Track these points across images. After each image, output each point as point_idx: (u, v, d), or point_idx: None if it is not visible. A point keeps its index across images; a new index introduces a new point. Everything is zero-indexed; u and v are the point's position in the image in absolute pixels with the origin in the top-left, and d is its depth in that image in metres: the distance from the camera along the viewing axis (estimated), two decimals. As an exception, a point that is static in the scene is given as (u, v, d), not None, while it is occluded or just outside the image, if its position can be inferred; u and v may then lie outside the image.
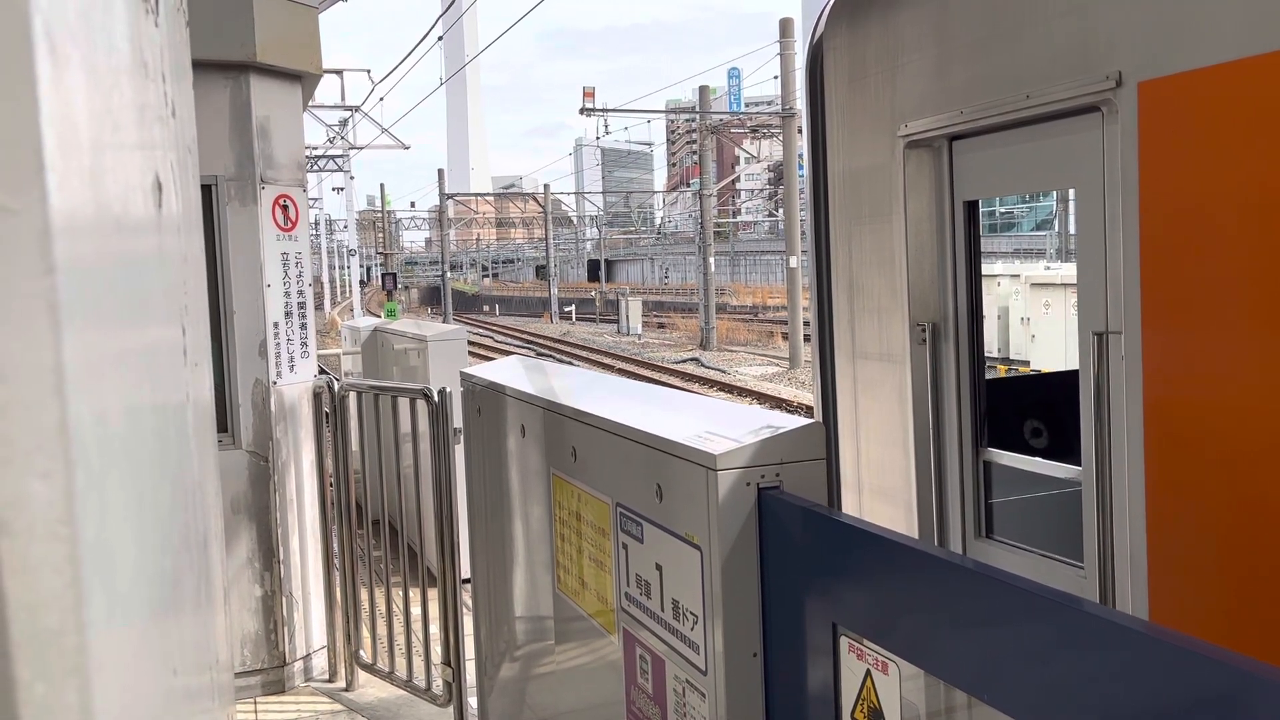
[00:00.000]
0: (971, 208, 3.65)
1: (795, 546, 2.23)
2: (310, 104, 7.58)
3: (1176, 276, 2.70)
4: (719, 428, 2.51)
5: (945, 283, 3.70)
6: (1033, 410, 3.97)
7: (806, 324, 25.39)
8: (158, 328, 0.90)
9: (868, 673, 2.02)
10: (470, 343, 11.30)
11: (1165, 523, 2.77)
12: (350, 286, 48.93)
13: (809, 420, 2.43)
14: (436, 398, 4.91)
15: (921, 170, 3.67)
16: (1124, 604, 2.93)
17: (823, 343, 4.29)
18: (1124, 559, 2.94)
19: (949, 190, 3.65)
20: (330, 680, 5.69)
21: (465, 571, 4.70)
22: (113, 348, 0.65)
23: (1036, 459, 3.56)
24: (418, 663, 5.30)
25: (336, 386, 5.63)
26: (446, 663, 5.01)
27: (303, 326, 5.65)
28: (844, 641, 2.08)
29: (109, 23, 0.74)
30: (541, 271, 78.74)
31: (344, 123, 33.36)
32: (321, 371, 6.32)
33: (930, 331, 3.72)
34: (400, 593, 5.72)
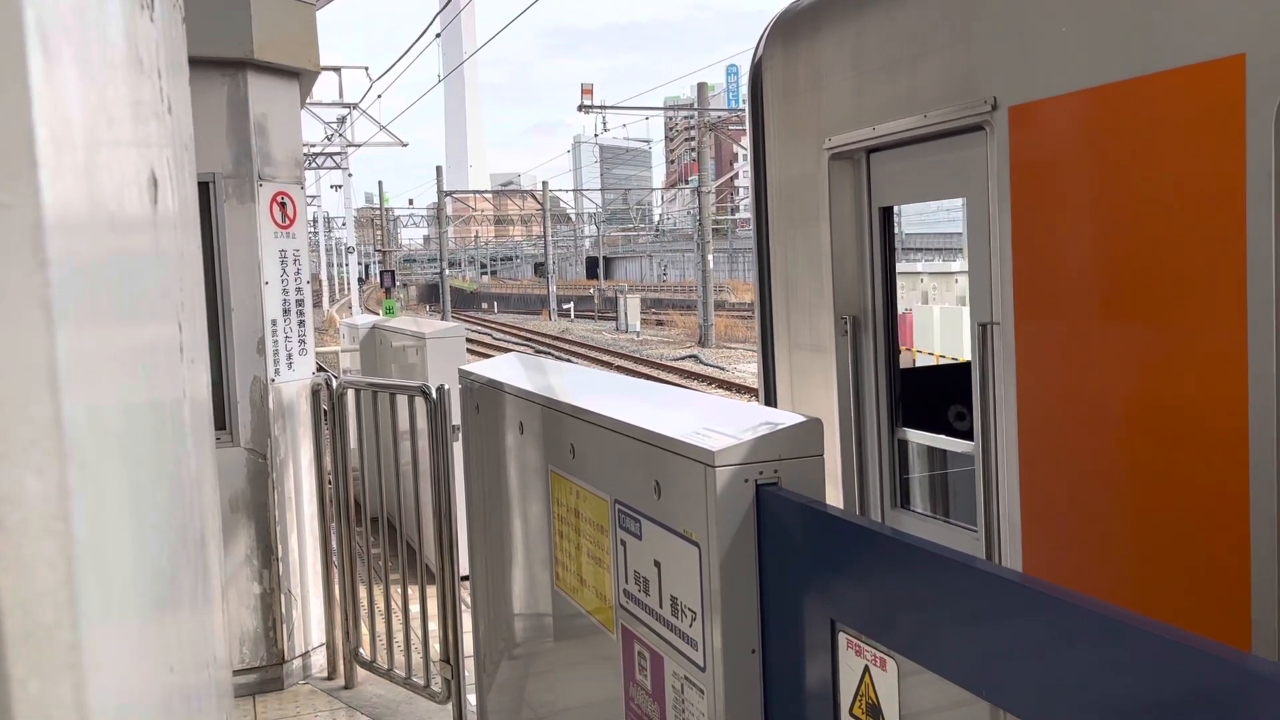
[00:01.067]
0: (886, 213, 4.07)
1: (794, 543, 2.23)
2: (308, 101, 7.58)
3: (1041, 274, 3.11)
4: (717, 424, 2.51)
5: (864, 281, 4.12)
6: (959, 396, 4.38)
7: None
8: (154, 324, 0.90)
9: (866, 669, 2.02)
10: (469, 340, 11.30)
11: (1035, 488, 3.18)
12: (348, 284, 48.94)
13: (807, 417, 2.43)
14: (435, 395, 4.90)
15: (843, 180, 4.08)
16: (1006, 560, 3.29)
17: (764, 335, 4.74)
18: (1006, 521, 3.31)
19: (867, 197, 4.07)
20: (329, 678, 5.70)
21: (464, 569, 4.70)
22: (107, 344, 0.65)
23: (940, 436, 3.97)
24: (416, 660, 5.30)
25: (335, 384, 5.63)
26: (445, 660, 5.02)
27: (301, 324, 5.65)
28: (842, 638, 2.08)
29: (103, 18, 0.74)
30: (540, 269, 78.77)
31: (342, 120, 33.34)
32: (320, 369, 6.31)
33: (851, 324, 4.14)
34: (399, 590, 5.72)
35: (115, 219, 0.71)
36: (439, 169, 45.48)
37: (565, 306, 57.20)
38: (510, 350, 29.59)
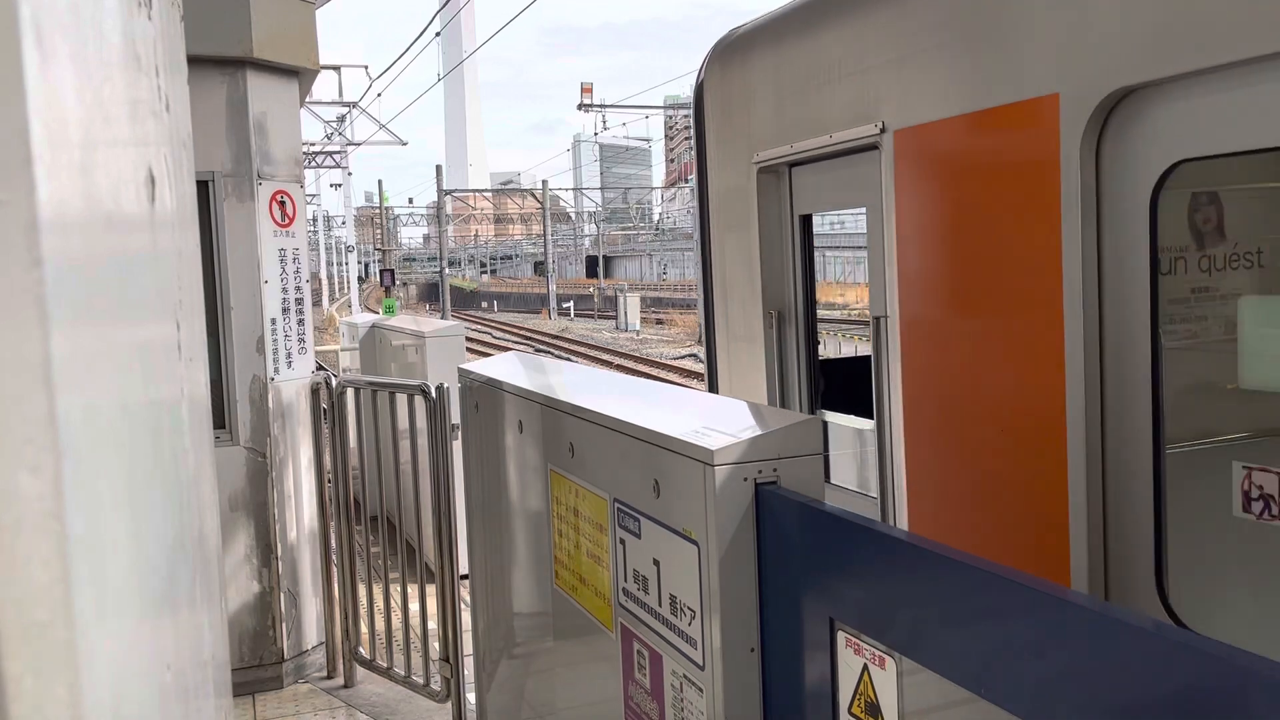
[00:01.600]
0: (805, 220, 4.55)
1: (793, 542, 2.23)
2: (307, 100, 7.58)
3: (915, 275, 3.64)
4: (716, 423, 2.51)
5: (788, 280, 4.64)
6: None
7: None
8: (151, 323, 0.90)
9: (865, 667, 2.02)
10: (468, 339, 11.30)
11: (916, 459, 3.70)
12: (348, 283, 48.92)
13: (806, 416, 2.43)
14: (434, 394, 4.90)
15: (769, 190, 4.61)
16: (896, 521, 3.81)
17: (708, 327, 5.30)
18: (895, 487, 3.83)
19: (789, 206, 4.57)
20: (328, 677, 5.70)
21: (463, 567, 4.71)
22: (104, 342, 0.65)
23: (849, 416, 4.51)
24: (416, 659, 5.30)
25: (334, 383, 5.63)
26: (445, 659, 5.02)
27: (300, 323, 5.64)
28: (841, 636, 2.08)
29: (99, 15, 0.74)
30: (540, 268, 78.72)
31: (342, 119, 33.33)
32: (319, 368, 6.31)
33: (777, 318, 4.70)
34: (398, 589, 5.73)
35: (112, 217, 0.71)
36: (438, 168, 45.46)
37: (565, 305, 57.16)
38: (510, 349, 29.55)
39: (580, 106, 34.88)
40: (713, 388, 5.26)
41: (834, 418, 4.56)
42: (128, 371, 0.74)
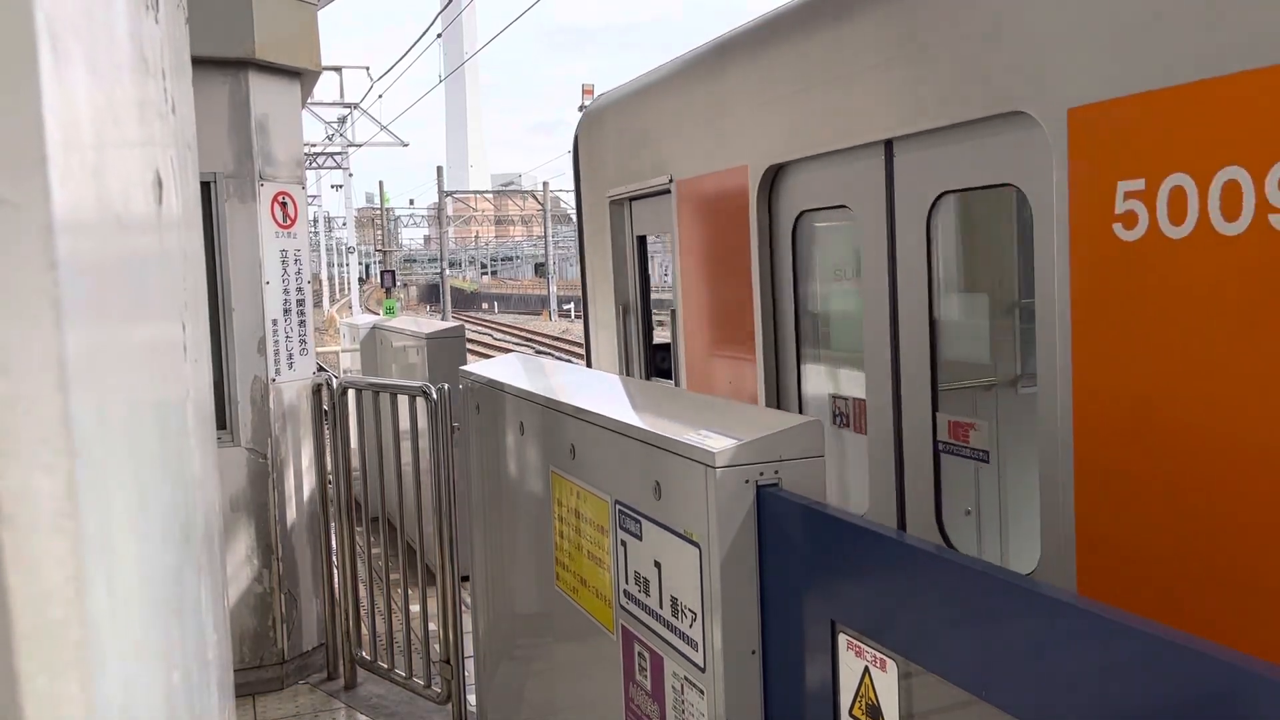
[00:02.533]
0: (642, 239, 6.23)
1: (794, 544, 2.23)
2: (309, 101, 7.59)
3: (689, 280, 5.37)
4: (718, 426, 2.51)
5: (630, 282, 6.36)
6: None
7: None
8: (158, 324, 0.90)
9: (866, 670, 2.02)
10: (469, 340, 11.29)
11: None
12: (349, 284, 48.92)
13: (808, 418, 2.43)
14: (435, 395, 4.90)
15: (616, 217, 6.34)
16: None
17: (585, 318, 7.07)
18: None
19: (630, 229, 6.27)
20: (329, 678, 5.70)
21: (464, 569, 4.71)
22: (114, 343, 0.65)
23: (668, 380, 5.97)
24: (416, 660, 5.30)
25: (335, 384, 5.63)
26: (445, 660, 5.02)
27: (301, 324, 5.65)
28: (843, 638, 2.08)
29: (110, 19, 0.74)
30: (540, 269, 78.67)
31: (343, 120, 33.34)
32: (320, 369, 6.31)
33: (624, 309, 6.40)
34: (399, 590, 5.72)
35: (121, 219, 0.71)
36: (439, 169, 45.43)
37: (566, 307, 57.13)
38: (510, 350, 29.53)
39: (581, 108, 34.84)
40: (588, 361, 7.05)
41: (661, 380, 6.10)
42: (137, 372, 0.74)
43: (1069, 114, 2.93)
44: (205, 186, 5.25)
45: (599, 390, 3.52)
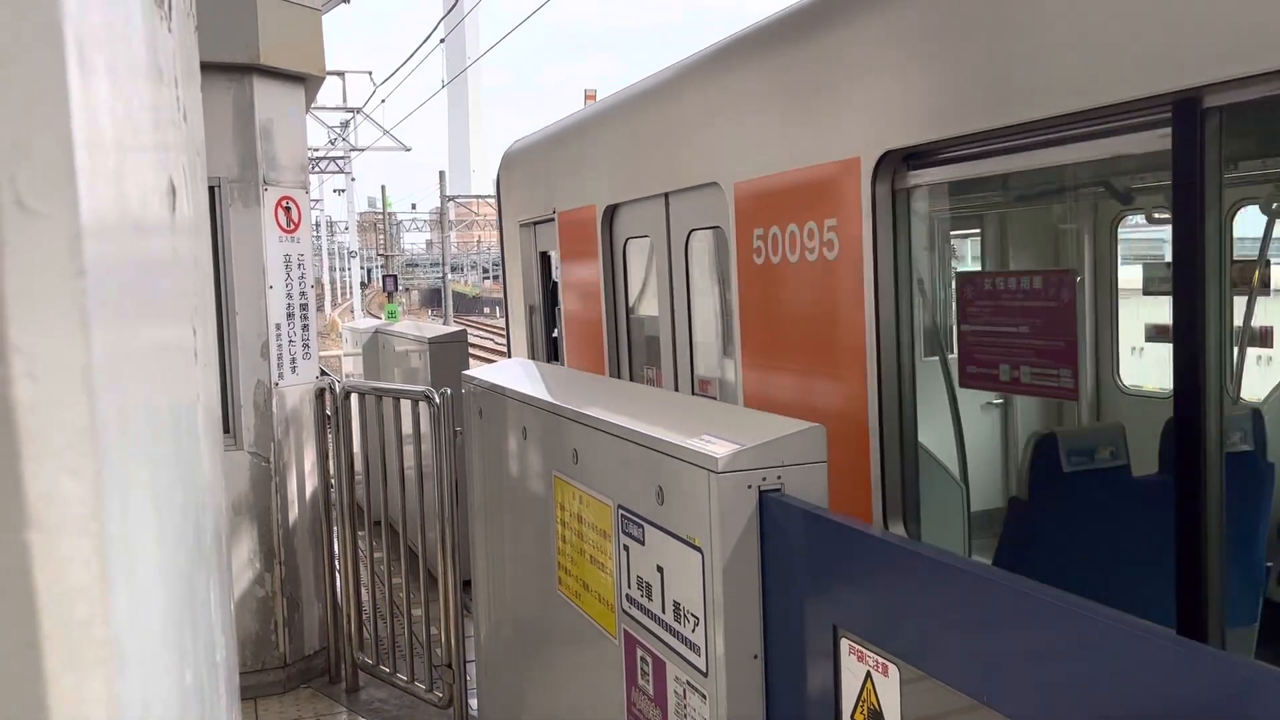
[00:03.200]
0: (545, 255, 7.62)
1: (796, 549, 2.24)
2: (312, 106, 7.66)
3: (568, 290, 6.91)
4: (720, 431, 2.52)
5: (535, 286, 7.85)
6: None
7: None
8: (172, 329, 0.92)
9: (868, 674, 2.03)
10: (471, 344, 11.31)
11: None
12: (351, 288, 48.93)
13: (809, 424, 2.44)
14: (439, 400, 4.92)
15: (526, 238, 7.91)
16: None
17: (507, 318, 8.79)
18: None
19: (535, 247, 7.76)
20: (330, 682, 5.70)
21: (466, 573, 4.71)
22: (132, 348, 0.66)
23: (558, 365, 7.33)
24: (418, 665, 5.30)
25: (338, 388, 5.64)
26: (447, 665, 5.02)
27: (305, 328, 5.66)
28: (844, 643, 2.09)
29: (128, 30, 0.76)
30: (542, 274, 78.33)
31: (345, 124, 33.38)
32: (322, 373, 6.33)
33: (530, 310, 8.04)
34: (401, 594, 5.73)
35: (140, 226, 0.73)
36: (442, 173, 45.46)
37: (567, 312, 56.80)
38: (512, 355, 29.44)
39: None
40: (509, 350, 8.78)
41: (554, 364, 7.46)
42: (153, 377, 0.75)
43: (734, 185, 4.61)
44: (210, 191, 5.26)
45: (602, 395, 3.53)
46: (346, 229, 51.57)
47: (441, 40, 23.98)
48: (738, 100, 4.63)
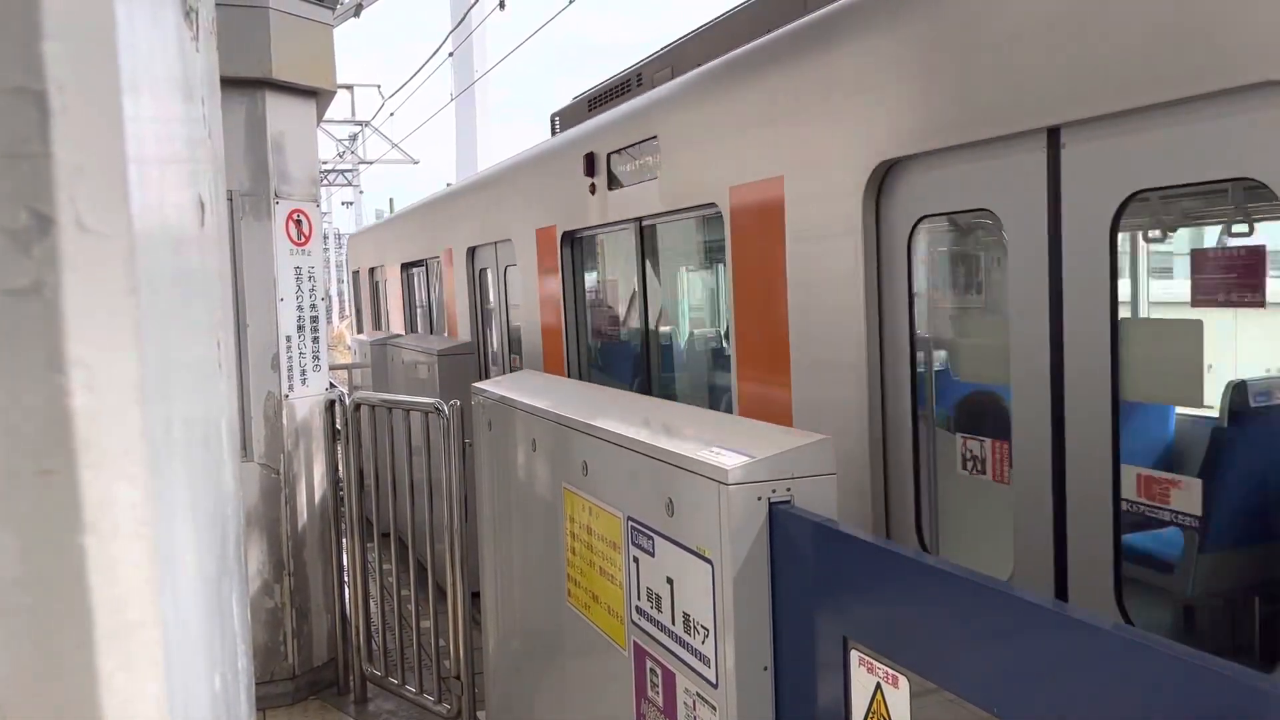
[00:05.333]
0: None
1: (806, 561, 2.25)
2: (322, 119, 7.76)
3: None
4: (730, 443, 2.53)
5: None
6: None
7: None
8: (203, 341, 0.94)
9: (878, 686, 2.04)
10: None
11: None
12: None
13: (819, 436, 2.46)
14: (448, 412, 4.94)
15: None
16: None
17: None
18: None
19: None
20: (339, 693, 5.71)
21: (475, 585, 4.72)
22: (172, 360, 0.69)
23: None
24: (427, 676, 5.31)
25: (348, 400, 5.66)
26: (456, 676, 5.03)
27: (315, 340, 5.69)
28: (855, 655, 2.10)
29: (166, 52, 0.78)
30: (548, 286, 78.45)
31: (354, 137, 33.50)
32: (331, 385, 6.36)
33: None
34: (410, 606, 5.74)
35: (178, 241, 0.75)
36: (449, 185, 45.48)
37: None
38: (521, 367, 29.44)
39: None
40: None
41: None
42: (187, 388, 0.77)
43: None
44: (222, 204, 5.30)
45: (611, 407, 3.54)
46: (354, 241, 51.49)
47: (450, 54, 24.06)
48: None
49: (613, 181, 5.74)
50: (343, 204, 50.22)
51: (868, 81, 3.52)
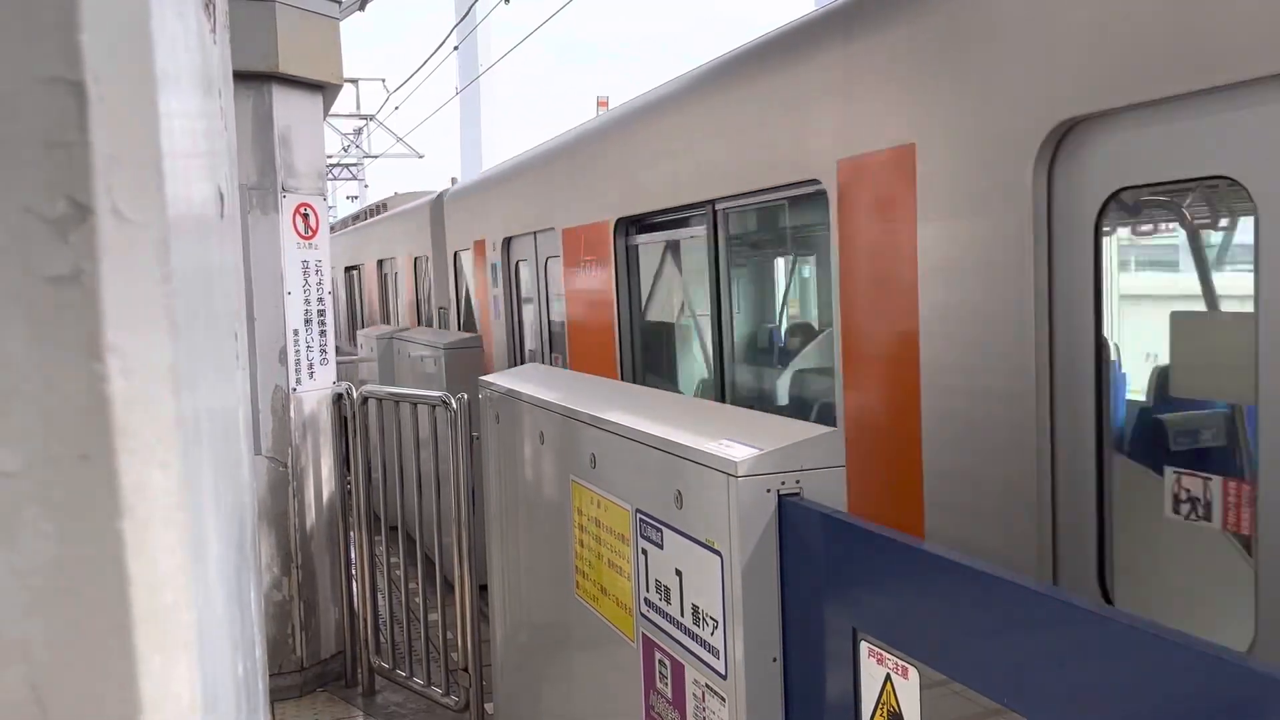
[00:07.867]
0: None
1: (815, 552, 2.26)
2: (328, 113, 7.76)
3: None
4: (738, 435, 2.54)
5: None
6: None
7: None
8: (222, 333, 0.95)
9: (888, 677, 2.05)
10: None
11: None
12: (363, 294, 48.86)
13: (828, 429, 2.46)
14: (456, 405, 4.95)
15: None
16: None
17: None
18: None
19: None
20: (347, 686, 5.73)
21: (482, 577, 4.74)
22: (199, 349, 0.69)
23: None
24: (434, 668, 5.33)
25: (355, 394, 5.68)
26: (464, 668, 5.05)
27: (322, 334, 5.70)
28: (864, 646, 2.11)
29: (189, 47, 0.79)
30: (553, 280, 78.44)
31: (359, 131, 33.49)
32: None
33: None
34: (418, 598, 5.75)
35: (202, 232, 0.76)
36: (453, 180, 45.57)
37: (578, 318, 56.93)
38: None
39: (595, 120, 34.73)
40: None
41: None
42: (211, 378, 0.78)
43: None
44: (230, 198, 5.31)
45: (619, 399, 3.55)
46: (359, 235, 51.50)
47: (455, 48, 24.05)
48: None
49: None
50: (348, 198, 50.25)
51: (1038, 27, 2.82)
